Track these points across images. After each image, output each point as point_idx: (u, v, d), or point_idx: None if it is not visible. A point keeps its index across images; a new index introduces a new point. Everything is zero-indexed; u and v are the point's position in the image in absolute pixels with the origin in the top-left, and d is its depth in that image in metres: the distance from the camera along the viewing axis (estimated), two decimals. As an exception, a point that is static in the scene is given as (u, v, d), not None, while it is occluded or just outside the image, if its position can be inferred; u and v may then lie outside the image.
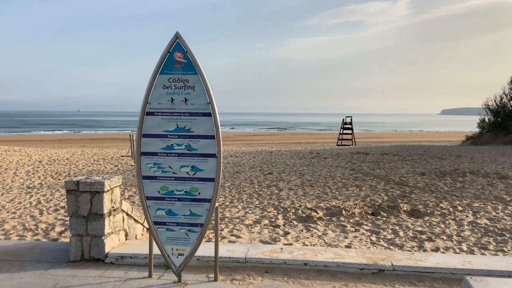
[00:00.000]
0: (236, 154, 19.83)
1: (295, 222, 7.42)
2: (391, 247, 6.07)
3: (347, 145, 29.74)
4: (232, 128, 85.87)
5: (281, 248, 4.96)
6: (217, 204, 4.22)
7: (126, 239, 5.32)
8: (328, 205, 8.56)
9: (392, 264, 4.49)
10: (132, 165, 16.12)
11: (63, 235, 6.70)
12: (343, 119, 34.01)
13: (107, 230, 4.79)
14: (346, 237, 6.53)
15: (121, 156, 19.52)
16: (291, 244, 6.03)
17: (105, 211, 4.74)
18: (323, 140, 42.63)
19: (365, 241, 6.33)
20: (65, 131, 70.37)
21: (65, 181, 4.78)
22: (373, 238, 6.48)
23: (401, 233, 6.73)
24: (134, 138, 18.47)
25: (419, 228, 7.00)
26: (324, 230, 6.94)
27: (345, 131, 33.54)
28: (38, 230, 6.99)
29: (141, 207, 4.37)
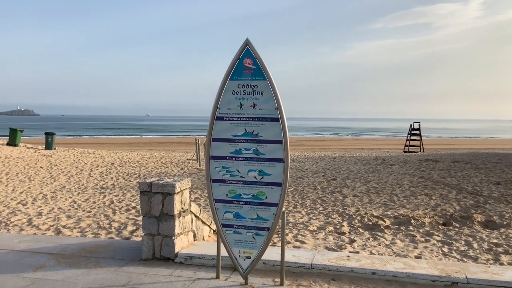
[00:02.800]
0: (298, 159, 19.76)
1: (361, 230, 7.26)
2: (464, 259, 5.77)
3: (414, 152, 28.68)
4: (294, 133, 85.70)
5: (348, 256, 4.87)
6: (283, 209, 4.23)
7: (194, 240, 5.47)
8: (395, 214, 8.30)
9: (466, 277, 4.26)
10: (197, 168, 16.56)
11: (134, 234, 7.00)
12: (411, 125, 32.87)
13: (177, 230, 4.95)
14: (415, 247, 6.29)
15: (187, 159, 20.11)
16: (357, 252, 5.91)
17: (176, 212, 4.91)
18: (388, 146, 41.41)
19: (436, 252, 6.07)
20: (135, 135, 73.69)
21: (139, 182, 5.01)
22: (445, 249, 6.18)
23: (475, 245, 6.38)
24: (199, 142, 18.99)
25: (495, 240, 6.60)
26: (392, 239, 6.73)
27: (412, 137, 32.38)
28: (111, 229, 7.36)
29: (208, 210, 4.48)
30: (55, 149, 23.76)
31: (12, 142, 23.47)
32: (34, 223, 7.80)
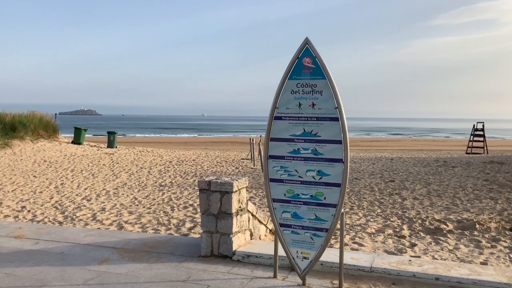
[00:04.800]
0: (353, 160, 19.39)
1: (422, 234, 7.01)
2: (536, 268, 5.41)
3: (478, 154, 27.32)
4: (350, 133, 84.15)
5: (409, 260, 4.71)
6: (342, 210, 4.16)
7: (251, 239, 5.50)
8: (459, 218, 7.93)
9: (540, 288, 3.99)
10: (252, 168, 16.68)
11: (192, 231, 7.16)
12: (474, 125, 31.32)
13: (234, 228, 5.00)
14: (481, 253, 5.98)
15: (241, 158, 20.31)
16: (419, 257, 5.70)
17: (233, 210, 4.96)
18: (449, 148, 39.71)
19: (504, 259, 5.74)
20: (190, 135, 75.44)
21: (198, 181, 5.11)
22: (514, 257, 5.84)
23: (547, 254, 5.97)
24: (254, 142, 19.10)
25: None
26: (456, 244, 6.44)
27: (475, 138, 30.85)
28: (170, 225, 7.57)
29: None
30: (116, 147, 24.79)
31: (77, 141, 24.73)
32: (98, 218, 8.17)
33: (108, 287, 4.20)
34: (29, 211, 8.81)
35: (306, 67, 4.19)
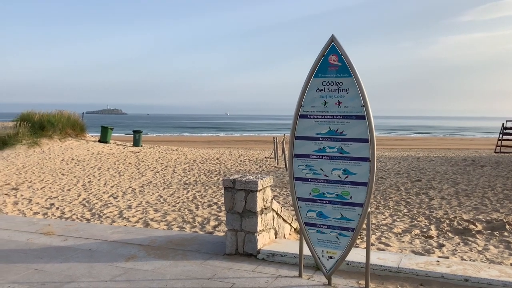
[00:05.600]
0: (379, 159, 19.14)
1: (450, 234, 6.86)
2: None
3: (507, 153, 26.61)
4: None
5: (438, 261, 4.61)
6: (369, 210, 4.11)
7: (275, 238, 5.49)
8: (488, 218, 7.74)
9: None
10: (275, 167, 16.65)
11: (216, 229, 7.19)
12: (503, 124, 30.50)
13: (259, 227, 5.00)
14: (511, 254, 5.82)
15: (265, 157, 20.31)
16: (447, 258, 5.59)
17: (258, 209, 4.96)
18: (477, 146, 38.80)
19: (536, 262, 5.57)
20: (213, 133, 75.87)
21: (223, 179, 5.13)
22: (547, 259, 5.66)
23: None
24: (277, 141, 19.06)
25: None
26: (485, 245, 6.29)
27: (505, 137, 30.05)
28: (195, 223, 7.63)
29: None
30: (142, 146, 25.12)
31: (103, 139, 25.17)
32: (124, 215, 8.30)
33: (135, 284, 4.25)
34: (57, 208, 9.01)
35: (332, 65, 4.14)
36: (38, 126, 22.89)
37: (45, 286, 4.21)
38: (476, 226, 7.19)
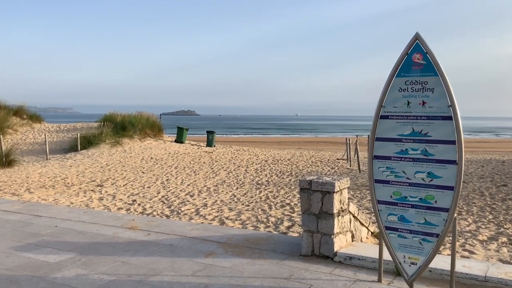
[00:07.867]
0: (459, 162, 18.13)
1: (543, 244, 6.35)
2: None
3: None
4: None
5: (531, 272, 4.29)
6: (455, 215, 3.91)
7: (352, 241, 5.39)
8: None
9: None
10: (348, 168, 16.35)
11: (290, 230, 7.20)
12: None
13: (336, 229, 4.94)
14: None
15: (337, 159, 20.01)
16: (541, 269, 5.17)
17: (335, 211, 4.90)
18: None
19: None
20: (284, 134, 76.01)
21: (299, 180, 5.13)
22: None
23: None
24: (350, 142, 18.70)
25: None
26: None
27: None
28: (269, 223, 7.69)
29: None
30: (215, 146, 25.79)
31: (179, 140, 26.15)
32: (201, 213, 8.56)
33: (214, 280, 4.37)
34: (139, 204, 9.50)
35: (416, 64, 3.99)
36: (120, 127, 24.30)
37: (131, 279, 4.45)
38: None
